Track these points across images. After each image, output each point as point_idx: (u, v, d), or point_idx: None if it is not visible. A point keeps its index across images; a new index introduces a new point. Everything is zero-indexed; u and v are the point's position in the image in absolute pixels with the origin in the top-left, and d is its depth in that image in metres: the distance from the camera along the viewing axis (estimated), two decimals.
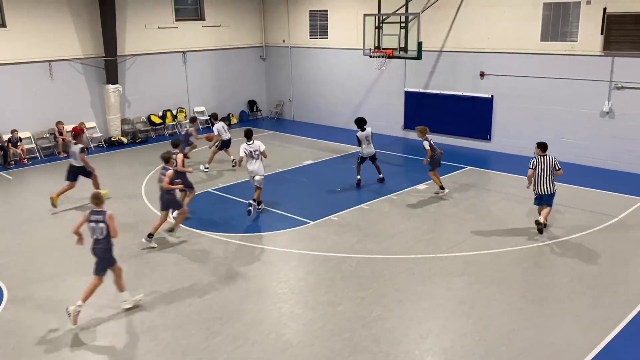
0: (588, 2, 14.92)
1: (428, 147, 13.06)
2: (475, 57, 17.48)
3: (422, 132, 13.23)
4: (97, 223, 8.33)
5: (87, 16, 18.92)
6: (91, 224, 8.37)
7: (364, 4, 19.44)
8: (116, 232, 8.42)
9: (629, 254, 10.19)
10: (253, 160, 12.26)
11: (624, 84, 14.79)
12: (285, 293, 9.11)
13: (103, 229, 8.33)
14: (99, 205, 8.42)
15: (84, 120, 19.23)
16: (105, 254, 8.47)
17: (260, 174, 12.36)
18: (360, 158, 14.36)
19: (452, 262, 10.01)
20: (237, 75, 23.47)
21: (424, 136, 13.17)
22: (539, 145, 11.26)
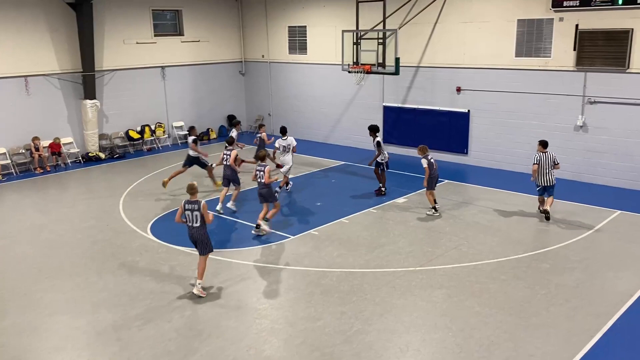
0: (561, 19, 15.29)
1: (426, 166, 12.94)
2: (451, 73, 17.74)
3: (421, 151, 13.13)
4: (192, 212, 9.25)
5: (64, 31, 18.80)
6: (187, 212, 9.31)
7: (342, 20, 19.65)
8: (209, 219, 9.35)
9: (605, 265, 10.36)
10: (285, 153, 14.63)
11: (596, 99, 15.13)
12: (265, 308, 9.07)
13: (197, 216, 9.24)
14: (194, 195, 9.32)
15: (60, 135, 19.03)
16: (205, 239, 9.43)
17: (288, 165, 14.72)
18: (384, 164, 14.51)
19: (431, 275, 10.07)
20: (216, 90, 23.48)
21: (423, 154, 13.06)
22: (541, 143, 12.79)
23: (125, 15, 20.24)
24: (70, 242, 12.04)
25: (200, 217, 9.26)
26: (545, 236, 11.86)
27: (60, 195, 15.72)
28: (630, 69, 14.43)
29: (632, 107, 14.56)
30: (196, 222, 9.31)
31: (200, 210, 9.22)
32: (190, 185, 9.45)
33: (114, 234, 12.44)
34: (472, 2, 16.91)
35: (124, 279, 10.20)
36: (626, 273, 10.02)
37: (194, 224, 9.35)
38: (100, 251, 11.48)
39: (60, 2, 18.45)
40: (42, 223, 13.26)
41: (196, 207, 9.25)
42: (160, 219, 13.31)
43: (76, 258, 11.17)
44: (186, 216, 9.37)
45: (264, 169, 11.93)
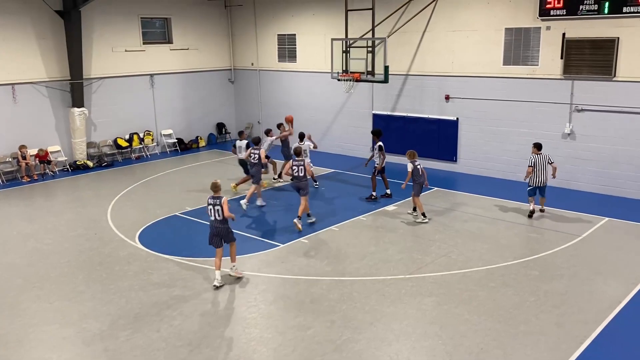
0: (548, 27, 15.43)
1: (410, 170, 13.14)
2: (440, 81, 17.84)
3: (409, 155, 13.36)
4: (214, 207, 9.95)
5: (52, 39, 18.71)
6: (209, 207, 10.01)
7: (331, 28, 19.71)
8: (228, 214, 9.93)
9: (593, 272, 10.41)
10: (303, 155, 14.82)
11: (583, 107, 15.26)
12: (255, 317, 9.02)
13: (219, 211, 9.90)
14: (217, 192, 10.07)
15: (48, 143, 18.90)
16: (228, 232, 10.17)
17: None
18: (379, 170, 14.85)
19: (421, 283, 10.07)
20: (206, 98, 23.44)
21: (410, 159, 13.27)
22: (535, 145, 13.45)
23: (114, 23, 20.19)
24: (57, 251, 11.92)
25: (222, 212, 9.91)
26: (533, 243, 11.91)
27: (47, 204, 15.58)
28: (617, 77, 14.58)
29: (619, 114, 14.70)
30: (218, 216, 9.98)
31: (221, 205, 9.87)
32: (213, 183, 10.22)
33: (101, 242, 12.34)
34: (460, 10, 17.04)
35: (111, 288, 10.10)
36: (614, 280, 10.08)
37: (216, 218, 10.00)
38: (88, 260, 11.38)
39: (48, 10, 18.37)
40: (29, 232, 13.13)
41: (218, 202, 9.92)
42: (149, 228, 13.22)
43: (63, 267, 11.06)
44: (208, 210, 10.06)
45: (303, 163, 12.97)
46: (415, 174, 13.16)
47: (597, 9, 14.41)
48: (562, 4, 14.92)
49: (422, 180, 13.38)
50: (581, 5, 14.63)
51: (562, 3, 14.91)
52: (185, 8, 22.13)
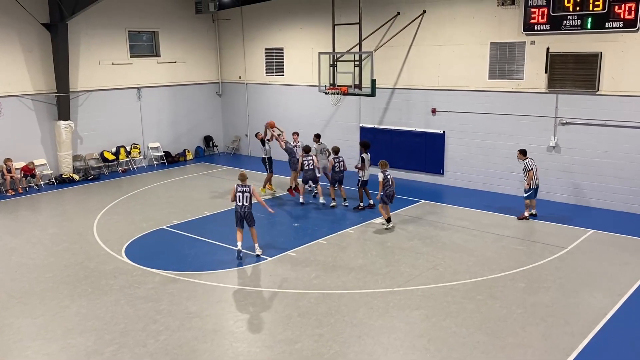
0: (532, 42, 15.65)
1: (380, 179, 13.50)
2: (426, 94, 17.98)
3: (381, 165, 13.82)
4: (243, 194, 11.70)
5: (38, 52, 18.64)
6: (238, 194, 11.71)
7: (319, 42, 19.84)
8: (259, 199, 11.89)
9: (579, 284, 10.49)
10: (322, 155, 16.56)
11: (568, 120, 15.45)
12: (242, 332, 8.96)
13: (247, 197, 11.69)
14: (244, 181, 11.82)
15: (34, 157, 18.75)
16: (251, 215, 11.87)
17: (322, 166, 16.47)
18: (362, 182, 15.36)
19: (409, 296, 10.08)
20: (193, 111, 23.41)
21: (382, 169, 13.71)
22: (522, 151, 14.33)
23: (101, 36, 20.16)
24: (42, 265, 11.79)
25: (249, 198, 11.67)
26: (520, 255, 11.98)
27: (32, 217, 15.43)
28: (600, 91, 14.79)
29: (603, 127, 14.90)
30: (246, 202, 11.69)
31: (250, 192, 11.70)
32: (241, 173, 12.01)
33: (87, 257, 12.22)
34: (446, 25, 17.23)
35: (97, 303, 9.99)
36: (600, 292, 10.16)
37: (244, 203, 11.70)
38: (73, 275, 11.26)
39: (35, 23, 18.31)
40: (13, 246, 12.97)
41: (247, 189, 11.72)
42: (135, 242, 13.12)
43: (48, 282, 10.93)
44: (237, 197, 11.71)
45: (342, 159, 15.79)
46: (385, 183, 13.57)
47: (580, 25, 14.65)
48: (546, 19, 15.16)
49: (391, 190, 13.78)
50: (565, 21, 14.87)
51: (546, 18, 15.15)
52: (173, 21, 22.17)
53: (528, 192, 14.17)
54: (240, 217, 11.86)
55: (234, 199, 11.88)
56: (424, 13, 17.60)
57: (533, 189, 14.15)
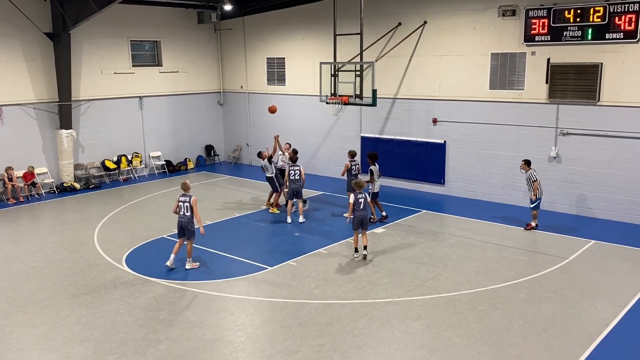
0: (533, 53, 15.70)
1: (350, 202, 12.17)
2: (427, 104, 18.02)
3: (354, 185, 12.42)
4: (184, 203, 11.60)
5: (41, 61, 18.72)
6: (180, 204, 11.63)
7: (320, 52, 19.92)
8: (197, 214, 11.69)
9: (580, 295, 10.45)
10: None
11: (569, 130, 15.47)
12: (242, 342, 8.93)
13: (188, 207, 11.58)
14: (187, 191, 11.69)
15: (35, 165, 18.77)
16: (192, 227, 11.69)
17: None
18: (373, 194, 14.72)
19: (410, 306, 10.05)
20: (195, 120, 23.47)
21: (355, 190, 12.29)
22: (528, 162, 14.30)
23: (104, 45, 20.25)
24: (42, 274, 11.77)
25: (190, 208, 11.55)
26: (521, 266, 11.95)
27: (33, 226, 15.43)
28: (601, 101, 14.82)
29: (604, 138, 14.91)
30: (187, 212, 11.60)
31: (190, 202, 11.55)
32: (184, 182, 11.86)
33: (87, 265, 12.21)
34: (447, 36, 17.30)
35: (97, 312, 9.97)
36: (601, 303, 10.12)
37: (184, 213, 11.61)
38: (73, 283, 11.24)
39: (37, 32, 18.41)
40: (14, 255, 12.96)
41: (188, 200, 11.59)
42: (136, 251, 13.11)
43: (48, 291, 10.91)
44: (179, 207, 11.64)
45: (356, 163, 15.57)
46: (356, 207, 12.14)
47: (581, 35, 14.71)
48: (547, 30, 15.22)
49: (363, 215, 12.23)
50: (565, 32, 14.94)
51: (547, 29, 15.21)
52: (175, 31, 22.27)
53: (535, 202, 14.18)
54: (180, 227, 11.75)
55: (176, 210, 11.75)
56: (425, 24, 17.68)
57: (539, 198, 14.17)
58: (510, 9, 15.88)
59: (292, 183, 15.03)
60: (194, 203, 11.63)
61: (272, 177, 16.19)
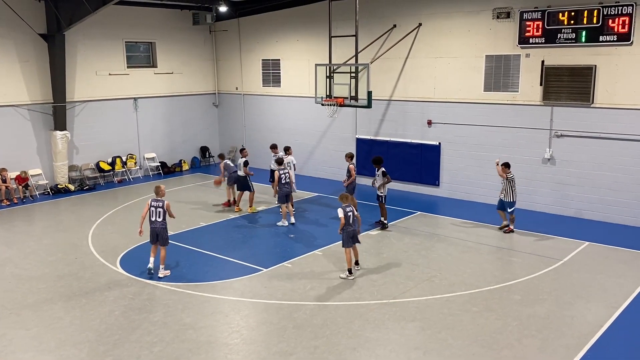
0: (527, 55, 15.75)
1: (341, 216, 11.21)
2: (422, 106, 18.05)
3: (340, 199, 11.62)
4: (157, 209, 11.19)
5: (35, 62, 18.66)
6: (152, 209, 11.19)
7: (315, 54, 19.93)
8: (172, 215, 11.40)
9: (574, 296, 10.49)
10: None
11: (563, 132, 15.52)
12: (237, 344, 8.92)
13: (160, 213, 11.18)
14: (159, 195, 11.29)
15: (29, 166, 18.72)
16: (165, 233, 11.36)
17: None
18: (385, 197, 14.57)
19: (405, 308, 10.05)
20: (190, 122, 23.44)
21: (343, 204, 11.42)
22: (508, 165, 14.15)
23: (98, 46, 20.20)
24: (36, 276, 11.72)
25: (163, 214, 11.20)
26: (515, 267, 11.98)
27: (27, 228, 15.36)
28: (595, 103, 14.88)
29: (597, 140, 14.97)
30: (159, 217, 11.21)
31: (164, 207, 11.20)
32: (157, 186, 11.46)
33: (82, 267, 12.16)
34: (442, 38, 17.34)
35: (91, 314, 9.93)
36: (595, 304, 10.16)
37: (157, 219, 11.20)
38: (67, 285, 11.20)
39: (32, 33, 18.35)
40: (7, 257, 12.91)
41: (161, 204, 11.20)
42: (130, 252, 13.07)
43: (42, 293, 10.86)
44: (150, 212, 11.20)
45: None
46: (346, 222, 11.25)
47: (575, 38, 14.78)
48: (541, 33, 15.28)
49: (352, 230, 11.37)
50: (559, 34, 15.00)
51: (541, 32, 15.27)
52: (170, 33, 22.25)
53: (514, 205, 14.13)
54: (153, 233, 11.30)
55: (145, 215, 11.34)
56: (420, 26, 17.72)
57: (515, 201, 14.15)
58: (504, 11, 15.93)
59: (284, 186, 14.91)
60: (168, 207, 11.27)
61: (245, 176, 16.23)
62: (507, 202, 14.07)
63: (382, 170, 14.51)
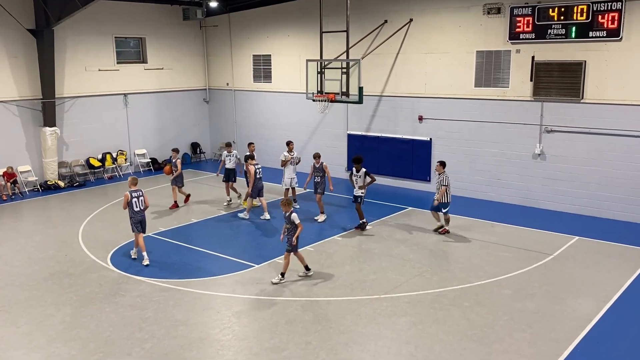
0: (518, 50, 15.81)
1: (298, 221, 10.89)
2: (413, 102, 18.08)
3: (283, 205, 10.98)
4: (138, 198, 11.81)
5: (24, 58, 18.49)
6: (133, 200, 11.76)
7: (306, 49, 19.89)
8: (148, 204, 12.04)
9: (564, 291, 10.56)
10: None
11: (553, 128, 15.61)
12: (229, 340, 8.91)
13: (142, 201, 11.86)
14: (135, 186, 11.97)
15: (18, 163, 18.57)
16: (144, 219, 12.01)
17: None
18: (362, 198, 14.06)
19: (396, 303, 10.09)
20: (180, 118, 23.34)
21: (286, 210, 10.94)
22: (443, 164, 13.80)
23: (88, 42, 20.06)
24: (26, 273, 11.65)
25: (144, 202, 11.87)
26: (506, 262, 12.04)
27: (16, 224, 15.25)
28: (584, 99, 14.97)
29: (587, 135, 15.06)
30: (142, 206, 11.89)
31: (144, 196, 11.91)
32: (132, 178, 12.15)
33: (72, 264, 12.10)
34: (433, 33, 17.36)
35: (82, 311, 9.89)
36: (585, 298, 10.24)
37: (140, 208, 11.86)
38: (58, 282, 11.14)
39: (20, 28, 18.18)
40: None
41: (140, 194, 11.89)
42: (121, 249, 13.02)
43: (32, 290, 10.80)
44: (133, 202, 11.77)
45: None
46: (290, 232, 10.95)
47: (565, 34, 14.84)
48: (532, 28, 15.33)
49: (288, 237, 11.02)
50: (549, 30, 15.06)
51: (532, 27, 15.32)
52: (160, 28, 22.12)
53: (447, 207, 13.67)
54: (138, 221, 11.91)
55: (126, 206, 11.80)
56: (410, 21, 17.73)
57: (449, 203, 13.65)
58: (495, 7, 15.97)
59: (258, 181, 15.12)
60: (145, 196, 12.01)
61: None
62: (442, 202, 13.59)
63: (365, 170, 13.96)
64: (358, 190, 14.08)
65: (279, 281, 10.96)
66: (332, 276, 11.33)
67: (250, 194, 15.23)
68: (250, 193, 15.20)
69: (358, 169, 14.07)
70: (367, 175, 14.01)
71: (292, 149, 16.48)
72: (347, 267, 11.81)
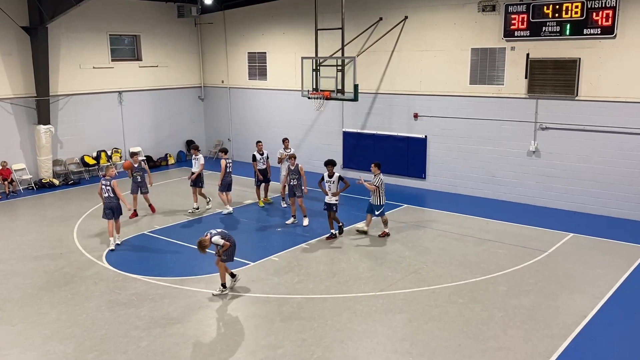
0: (512, 48, 15.84)
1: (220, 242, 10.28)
2: (409, 99, 18.09)
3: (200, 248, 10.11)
4: (106, 187, 12.61)
5: (18, 55, 18.41)
6: (103, 187, 12.64)
7: (301, 47, 19.87)
8: (120, 194, 12.74)
9: (559, 287, 10.61)
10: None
11: (547, 125, 15.65)
12: (224, 338, 8.91)
13: (110, 190, 12.61)
14: (107, 175, 12.78)
15: (13, 161, 18.50)
16: (117, 206, 12.82)
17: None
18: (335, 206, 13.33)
19: (392, 300, 10.11)
20: (175, 115, 23.29)
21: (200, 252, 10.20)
22: (378, 165, 13.36)
23: (82, 40, 19.98)
24: (21, 271, 11.62)
25: (112, 191, 12.60)
26: (501, 259, 12.08)
27: (11, 223, 15.19)
28: (579, 96, 15.01)
29: (582, 132, 15.11)
30: (111, 194, 12.64)
31: (111, 185, 12.57)
32: (107, 166, 13.37)
33: (67, 262, 12.07)
34: (428, 31, 17.37)
35: (77, 309, 9.87)
36: (579, 295, 10.29)
37: (109, 195, 12.65)
38: (53, 281, 11.12)
39: (14, 26, 18.09)
40: None
41: (109, 183, 12.59)
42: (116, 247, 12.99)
43: (27, 288, 10.77)
44: (102, 190, 12.64)
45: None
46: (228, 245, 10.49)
47: (559, 31, 14.88)
48: (526, 26, 15.36)
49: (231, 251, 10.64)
50: (544, 27, 15.09)
51: (526, 25, 15.35)
52: (155, 25, 22.05)
53: (380, 209, 13.24)
54: (108, 208, 12.69)
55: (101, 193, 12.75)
56: (405, 19, 17.74)
57: (383, 205, 13.24)
58: (490, 4, 15.99)
59: (227, 175, 15.49)
60: (115, 186, 12.61)
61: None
62: (375, 205, 13.20)
63: (339, 175, 13.31)
64: (332, 198, 13.20)
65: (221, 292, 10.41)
66: (327, 273, 11.35)
67: (219, 188, 15.51)
68: (220, 186, 15.49)
69: (331, 173, 13.23)
70: (341, 180, 13.29)
71: (287, 146, 16.46)
72: (343, 265, 11.82)
